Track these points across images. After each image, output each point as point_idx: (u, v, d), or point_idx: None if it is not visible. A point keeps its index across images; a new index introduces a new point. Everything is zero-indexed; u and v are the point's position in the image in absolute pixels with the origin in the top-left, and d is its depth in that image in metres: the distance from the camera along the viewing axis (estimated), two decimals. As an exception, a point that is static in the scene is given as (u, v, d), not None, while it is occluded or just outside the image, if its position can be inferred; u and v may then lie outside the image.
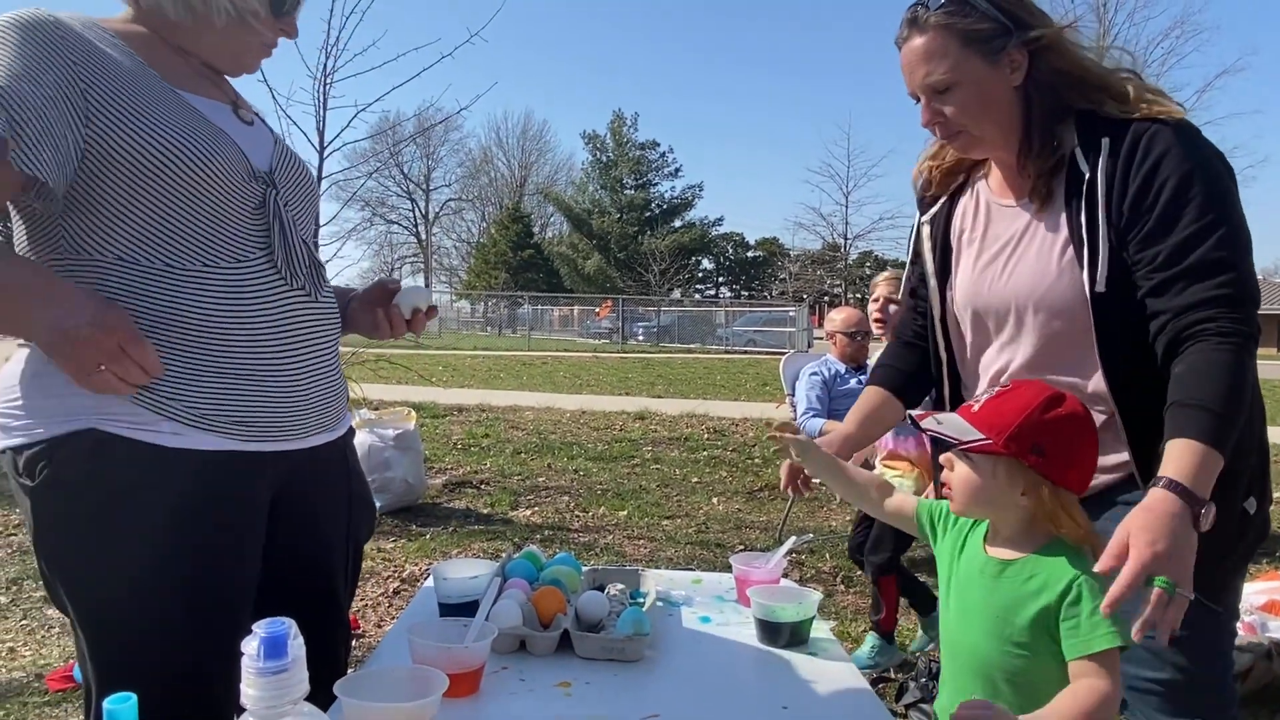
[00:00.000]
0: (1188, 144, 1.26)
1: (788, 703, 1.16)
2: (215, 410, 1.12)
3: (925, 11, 1.35)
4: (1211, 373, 1.19)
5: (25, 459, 1.07)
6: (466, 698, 1.14)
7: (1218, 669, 1.39)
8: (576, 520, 5.00)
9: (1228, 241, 1.22)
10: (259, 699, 0.58)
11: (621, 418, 9.33)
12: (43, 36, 1.06)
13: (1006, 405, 1.24)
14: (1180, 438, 1.17)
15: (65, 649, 2.96)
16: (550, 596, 1.39)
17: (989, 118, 1.37)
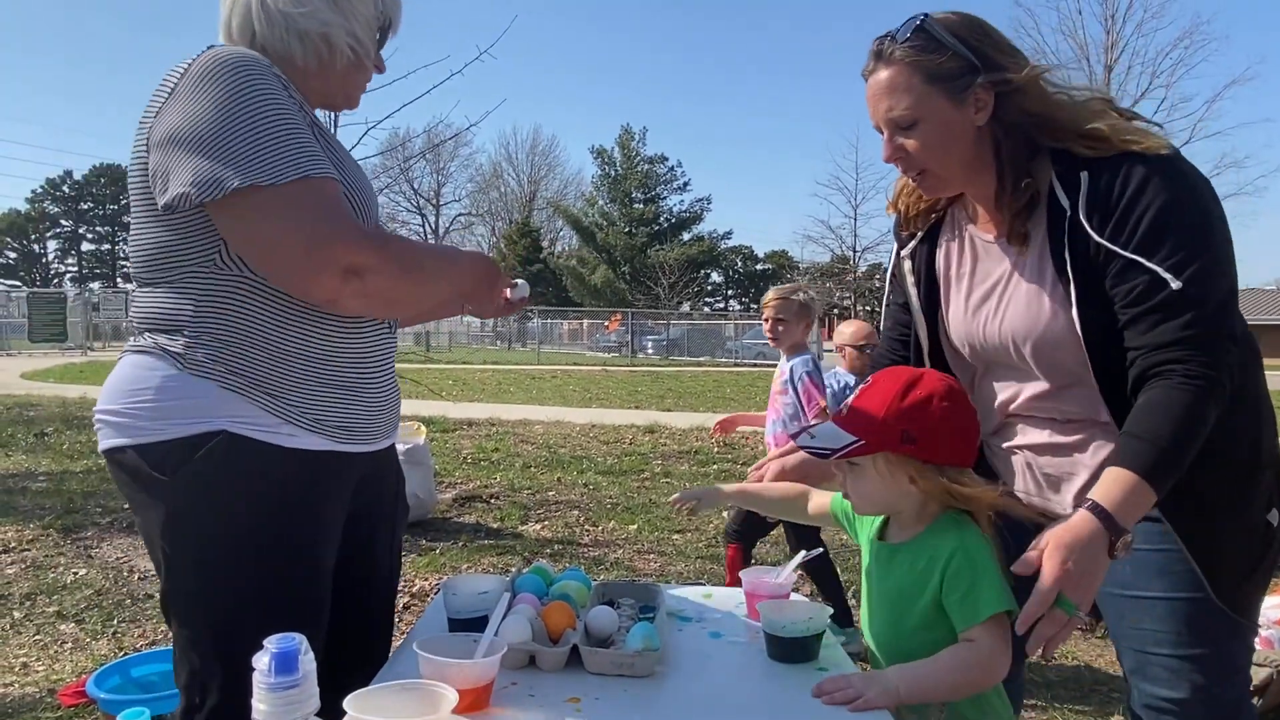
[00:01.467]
0: (1167, 178, 1.23)
1: (799, 717, 1.16)
2: (324, 415, 1.27)
3: (891, 45, 1.33)
4: (1166, 410, 1.19)
5: (158, 456, 1.19)
6: (476, 713, 1.14)
7: (1235, 687, 1.38)
8: (586, 535, 4.99)
9: (1200, 278, 1.20)
10: (269, 714, 0.58)
11: (631, 431, 9.33)
12: (278, 83, 1.21)
13: (869, 402, 1.28)
14: (1119, 466, 1.19)
15: (77, 664, 2.98)
16: (559, 612, 1.38)
17: (951, 156, 1.35)
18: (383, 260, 1.19)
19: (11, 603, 3.59)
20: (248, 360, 1.21)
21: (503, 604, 1.31)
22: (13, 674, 2.91)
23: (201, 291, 1.21)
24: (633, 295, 43.48)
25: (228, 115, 1.13)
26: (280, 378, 1.23)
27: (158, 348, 1.22)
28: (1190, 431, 1.19)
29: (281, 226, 1.14)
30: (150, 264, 1.24)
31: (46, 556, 4.23)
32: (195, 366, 1.20)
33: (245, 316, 1.22)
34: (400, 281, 1.25)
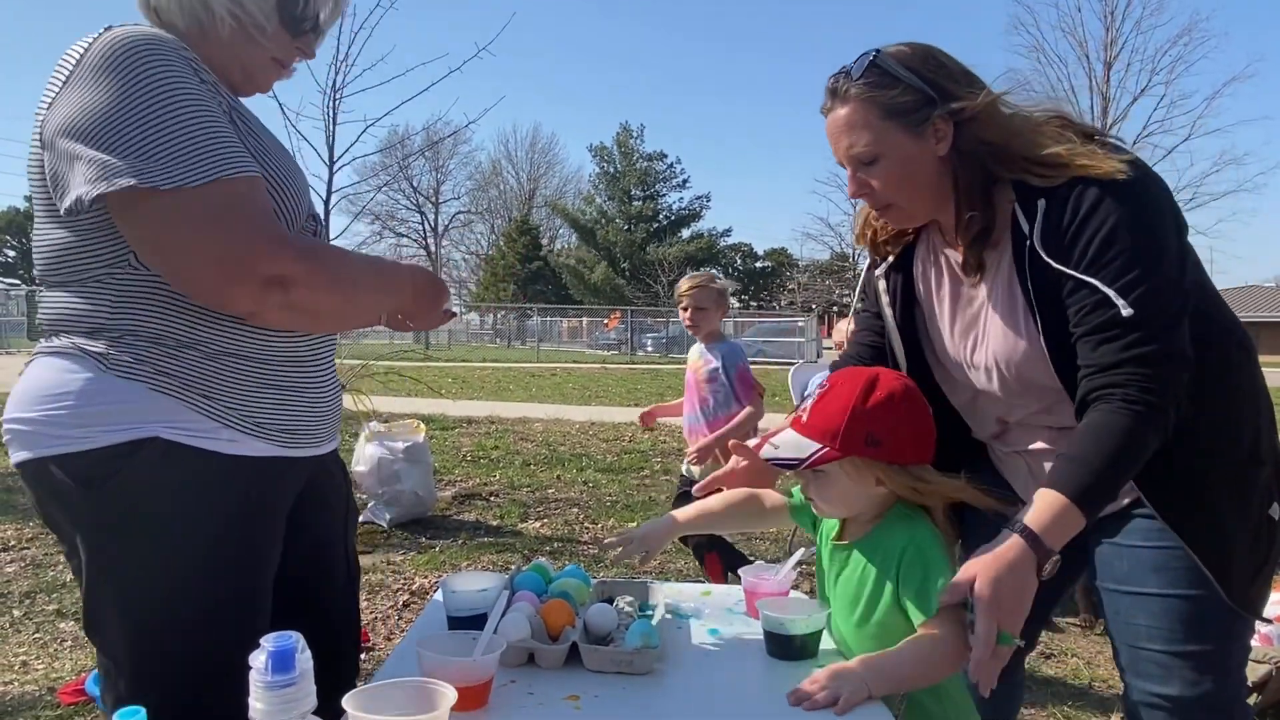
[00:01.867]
0: (1118, 199, 1.22)
1: (798, 715, 1.16)
2: (267, 419, 1.20)
3: (846, 82, 1.32)
4: (1102, 435, 1.19)
5: (82, 466, 1.09)
6: (475, 711, 1.14)
7: (1230, 685, 1.38)
8: (586, 532, 5.00)
9: (1148, 299, 1.20)
10: (267, 713, 0.58)
11: (631, 429, 9.32)
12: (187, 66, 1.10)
13: (830, 407, 1.28)
14: (1050, 488, 1.19)
15: (77, 663, 2.98)
16: (558, 609, 1.38)
17: (915, 189, 1.34)
18: (308, 271, 1.10)
19: (11, 601, 3.59)
20: (178, 361, 1.12)
21: (501, 602, 1.31)
22: (12, 672, 2.91)
23: (117, 292, 1.12)
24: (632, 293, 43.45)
25: (127, 106, 1.03)
26: (215, 379, 1.14)
27: (76, 349, 1.12)
28: (1125, 457, 1.19)
29: (191, 234, 1.04)
30: (57, 265, 1.15)
31: (46, 555, 4.22)
32: (120, 368, 1.10)
33: (169, 316, 1.13)
34: (328, 294, 1.15)
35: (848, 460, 1.25)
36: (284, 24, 1.23)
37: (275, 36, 1.24)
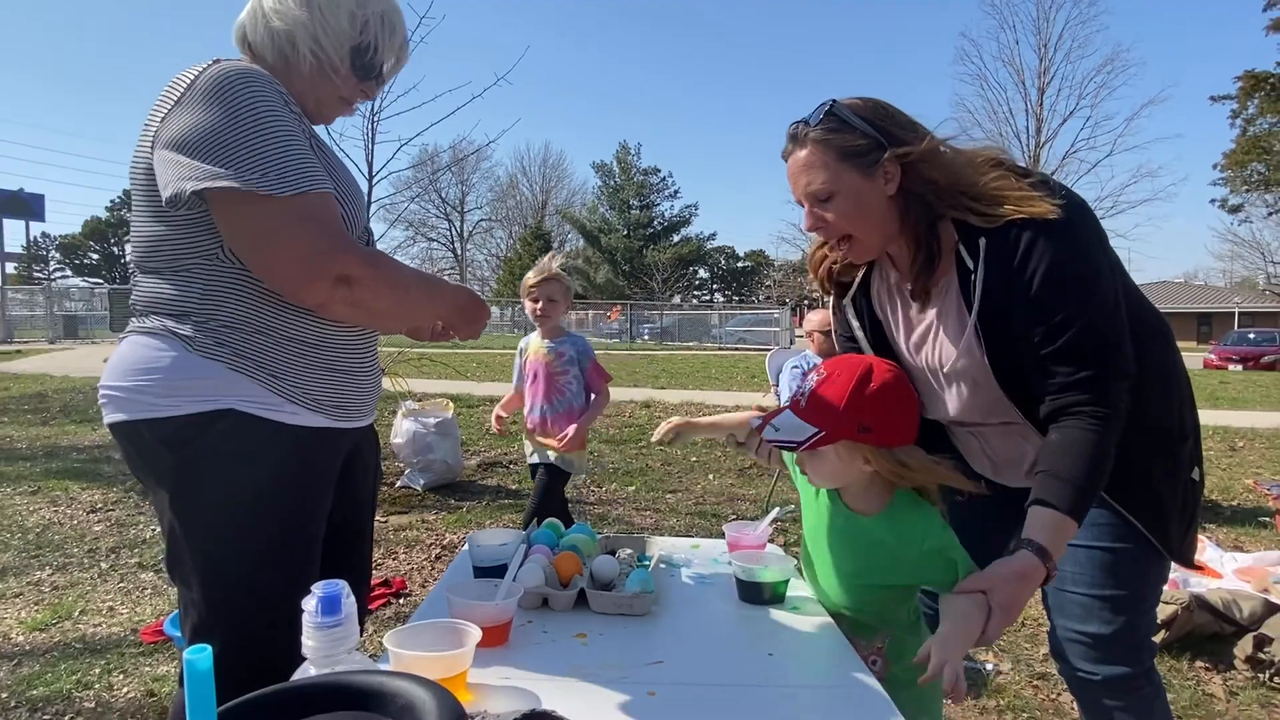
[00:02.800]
0: (1053, 240, 1.20)
1: (773, 650, 1.16)
2: (323, 396, 1.22)
3: (805, 128, 1.30)
4: (1078, 451, 1.18)
5: (169, 431, 1.12)
6: (497, 647, 1.15)
7: (1144, 624, 1.39)
8: (592, 495, 5.01)
9: (1090, 328, 1.20)
10: (318, 649, 0.58)
11: (630, 406, 9.33)
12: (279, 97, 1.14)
13: (828, 393, 1.26)
14: (1046, 507, 1.17)
15: (156, 608, 2.99)
16: (568, 560, 1.39)
17: (867, 223, 1.31)
18: (372, 274, 1.15)
19: (99, 555, 3.60)
20: (252, 345, 1.16)
21: (519, 554, 1.31)
22: (100, 616, 2.92)
23: (204, 282, 1.15)
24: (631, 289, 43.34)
25: (232, 126, 1.08)
26: (281, 361, 1.17)
27: (166, 330, 1.15)
28: (1100, 466, 1.19)
29: (282, 236, 1.09)
30: (152, 254, 1.18)
31: (128, 515, 4.23)
32: (204, 349, 1.14)
33: (247, 306, 1.16)
34: (385, 296, 1.19)
35: (839, 444, 1.24)
36: (354, 69, 1.27)
37: (346, 79, 1.27)
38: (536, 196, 53.70)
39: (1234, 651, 2.65)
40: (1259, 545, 3.94)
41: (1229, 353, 22.51)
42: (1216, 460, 6.43)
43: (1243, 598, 2.90)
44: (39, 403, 8.37)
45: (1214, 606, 2.85)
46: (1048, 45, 30.97)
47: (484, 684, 1.02)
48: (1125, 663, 1.36)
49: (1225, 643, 2.74)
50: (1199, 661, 2.66)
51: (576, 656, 1.13)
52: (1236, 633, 2.75)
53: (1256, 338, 24.17)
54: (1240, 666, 2.60)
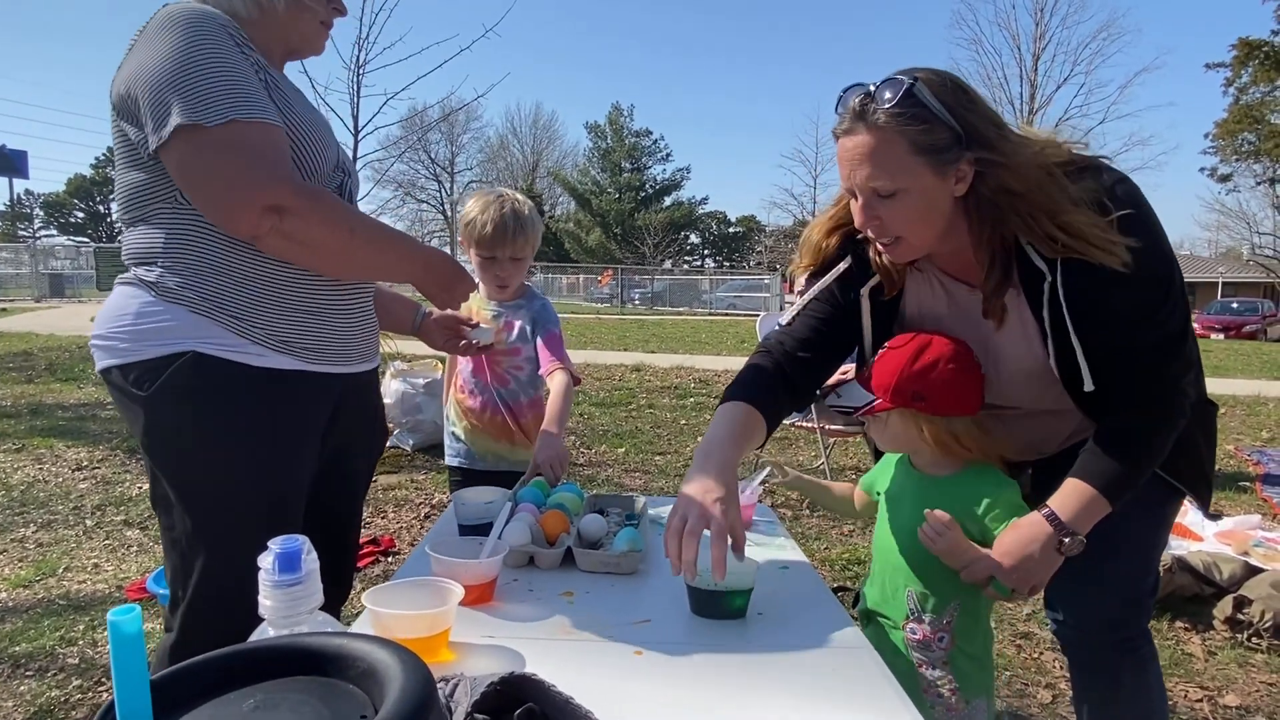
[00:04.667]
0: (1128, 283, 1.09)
1: (762, 609, 1.14)
2: (290, 335, 1.19)
3: (874, 107, 1.08)
4: (1131, 438, 1.15)
5: (135, 374, 1.14)
6: (483, 605, 1.12)
7: (1148, 583, 1.38)
8: (582, 457, 4.99)
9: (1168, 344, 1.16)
10: (275, 609, 0.53)
11: (620, 370, 9.29)
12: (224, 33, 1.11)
13: (886, 367, 1.25)
14: (1081, 480, 1.15)
15: (142, 565, 2.96)
16: (555, 518, 1.35)
17: (928, 227, 1.14)
18: (301, 204, 1.10)
19: (84, 513, 3.56)
20: (214, 286, 1.14)
21: (505, 511, 1.27)
22: (85, 573, 2.89)
23: (169, 227, 1.15)
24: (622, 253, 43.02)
25: (169, 62, 1.06)
26: (245, 301, 1.15)
27: (137, 279, 1.16)
28: (1153, 459, 1.15)
29: (207, 164, 1.07)
30: (129, 204, 1.18)
31: (114, 473, 4.18)
32: (168, 293, 1.14)
33: (209, 246, 1.14)
34: (320, 230, 1.13)
35: (895, 411, 1.25)
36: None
37: (281, 10, 1.24)
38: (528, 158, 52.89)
39: (1214, 613, 2.68)
40: (1239, 509, 3.97)
41: (1212, 321, 22.67)
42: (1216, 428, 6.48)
43: (1223, 560, 2.92)
44: (24, 361, 8.24)
45: (1195, 569, 2.87)
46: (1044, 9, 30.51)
47: (467, 643, 0.99)
48: (1127, 623, 1.35)
49: (1205, 604, 2.76)
50: (1179, 622, 2.69)
51: (563, 615, 1.10)
52: (1216, 594, 2.77)
53: (1239, 307, 24.35)
54: (1219, 627, 2.62)
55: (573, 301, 36.36)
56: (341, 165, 1.30)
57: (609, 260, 41.39)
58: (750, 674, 0.96)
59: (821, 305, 1.35)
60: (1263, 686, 2.31)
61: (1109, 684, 1.38)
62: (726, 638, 1.06)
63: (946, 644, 1.27)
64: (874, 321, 1.32)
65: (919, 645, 1.28)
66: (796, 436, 5.46)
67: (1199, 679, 2.34)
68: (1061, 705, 2.15)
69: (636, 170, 47.19)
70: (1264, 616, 2.53)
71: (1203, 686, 2.29)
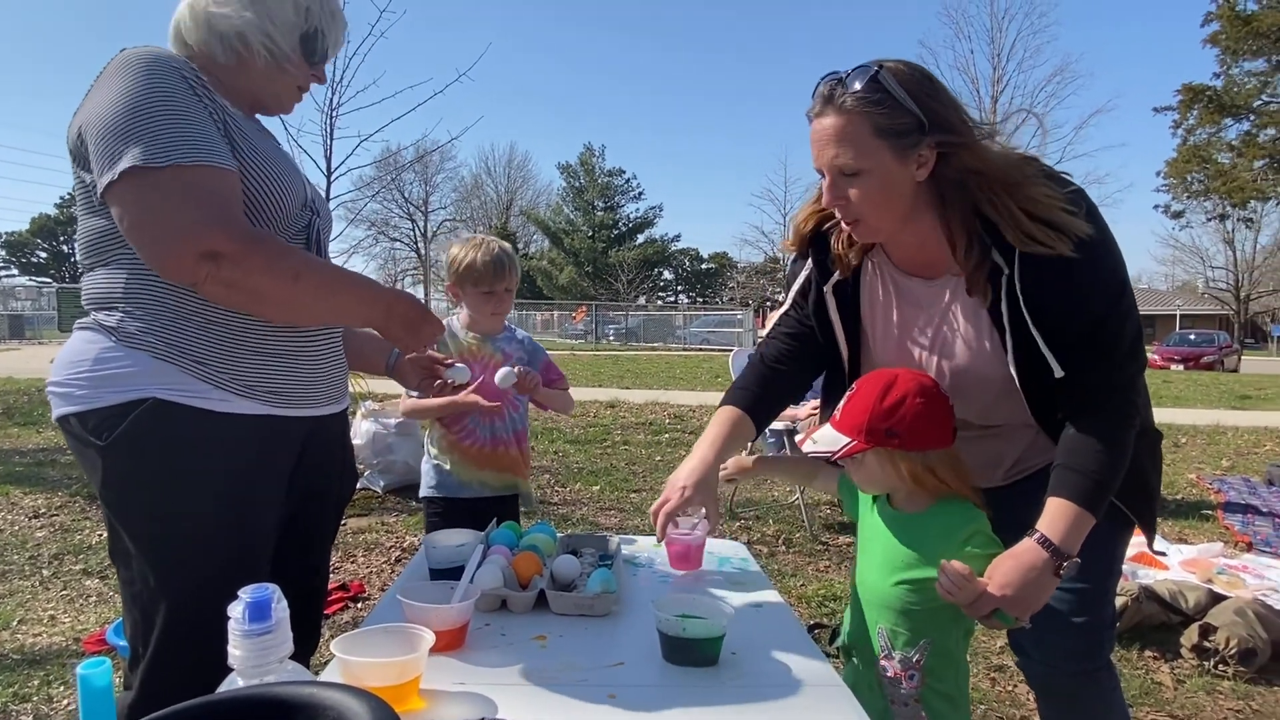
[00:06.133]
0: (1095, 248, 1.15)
1: (736, 649, 1.14)
2: (254, 380, 1.17)
3: (842, 92, 1.15)
4: (1099, 446, 1.18)
5: (94, 422, 1.11)
6: (453, 651, 1.10)
7: (1107, 616, 1.40)
8: (556, 495, 4.95)
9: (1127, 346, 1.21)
10: (245, 659, 0.53)
11: (595, 406, 9.28)
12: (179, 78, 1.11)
13: (855, 406, 1.27)
14: (1060, 498, 1.17)
15: (101, 616, 2.86)
16: (528, 560, 1.35)
17: (889, 209, 1.20)
18: (238, 250, 1.06)
19: (41, 562, 3.44)
20: (176, 331, 1.13)
21: (476, 555, 1.27)
22: (41, 625, 2.78)
23: (129, 271, 1.13)
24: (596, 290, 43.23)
25: (118, 106, 1.06)
26: (207, 346, 1.13)
27: (96, 324, 1.14)
28: (1119, 463, 1.19)
29: (147, 208, 1.04)
30: (89, 248, 1.17)
31: (73, 520, 4.06)
32: (129, 339, 1.12)
33: (169, 291, 1.13)
34: (260, 277, 1.08)
35: (871, 451, 1.25)
36: (304, 55, 1.29)
37: (299, 66, 1.29)
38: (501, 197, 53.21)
39: (1180, 640, 2.71)
40: (1202, 538, 4.05)
41: (1171, 353, 23.29)
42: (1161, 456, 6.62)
43: (1188, 588, 2.98)
44: (-20, 405, 8.00)
45: (1161, 597, 2.92)
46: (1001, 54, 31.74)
47: (438, 690, 0.98)
48: (1090, 655, 1.37)
49: (1172, 632, 2.80)
50: (1148, 651, 2.72)
51: (535, 659, 1.10)
52: (1183, 622, 2.82)
53: (1196, 339, 25.07)
54: (1186, 655, 2.66)
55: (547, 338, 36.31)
56: (310, 204, 1.30)
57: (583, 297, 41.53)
58: (724, 714, 0.96)
59: (791, 316, 1.49)
60: (1230, 714, 2.34)
61: (1075, 715, 1.40)
62: (700, 678, 1.06)
63: (917, 682, 1.27)
64: (842, 316, 1.40)
65: (890, 682, 1.29)
66: (771, 472, 5.48)
67: (1169, 708, 2.36)
68: (1036, 738, 2.16)
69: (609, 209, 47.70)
70: (1229, 643, 2.57)
71: (1172, 715, 2.32)
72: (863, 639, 1.34)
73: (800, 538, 3.98)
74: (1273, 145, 23.80)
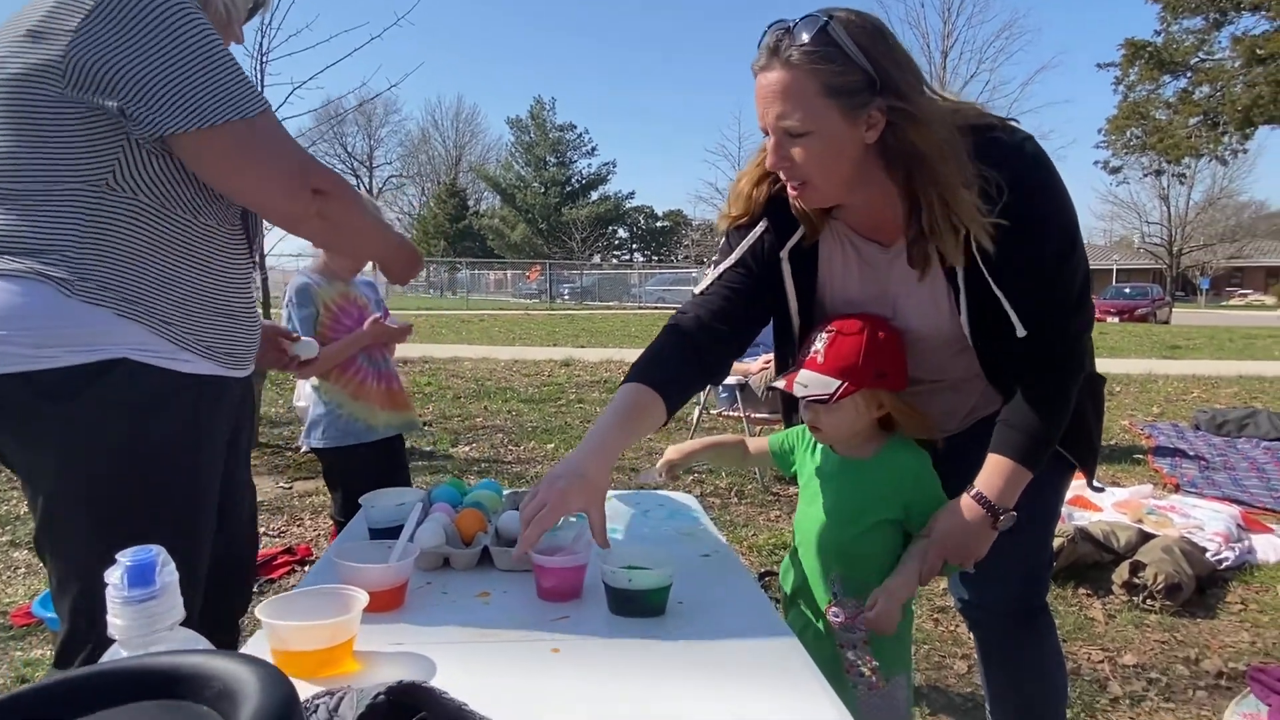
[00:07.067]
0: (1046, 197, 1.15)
1: (683, 599, 1.13)
2: (212, 339, 1.15)
3: (789, 44, 1.07)
4: (1040, 401, 1.20)
5: (48, 384, 1.01)
6: (391, 611, 1.07)
7: (1044, 558, 1.43)
8: (510, 454, 4.91)
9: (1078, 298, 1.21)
10: (127, 629, 0.48)
11: (550, 365, 9.21)
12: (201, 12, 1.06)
13: (845, 348, 1.24)
14: (998, 454, 1.20)
15: (30, 588, 2.74)
16: (471, 517, 1.31)
17: (835, 171, 1.14)
18: (338, 186, 1.16)
19: (-37, 535, 3.27)
20: (143, 288, 1.06)
21: (416, 512, 1.23)
22: (-36, 600, 2.65)
23: (85, 215, 1.03)
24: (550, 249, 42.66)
25: (191, 51, 1.00)
26: (174, 305, 1.09)
27: (32, 272, 1.01)
28: (1062, 417, 1.20)
29: (267, 153, 1.07)
30: (12, 178, 1.02)
31: (0, 491, 3.87)
32: (85, 294, 1.02)
33: (135, 243, 1.06)
34: (349, 213, 1.19)
35: (860, 393, 1.24)
36: (248, 15, 1.28)
37: (239, 24, 1.26)
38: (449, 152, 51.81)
39: (1112, 578, 2.84)
40: (1134, 480, 4.24)
41: (1108, 306, 24.17)
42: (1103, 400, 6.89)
43: (1120, 528, 3.11)
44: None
45: (1095, 537, 3.04)
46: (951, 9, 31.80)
47: (374, 652, 0.94)
48: (1026, 597, 1.40)
49: (1105, 570, 2.93)
50: (1081, 589, 2.84)
51: (478, 617, 1.07)
52: (1115, 561, 2.95)
53: (1132, 292, 26.09)
54: (1118, 591, 2.79)
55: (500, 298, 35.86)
56: None
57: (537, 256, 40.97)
58: (671, 664, 0.94)
59: (736, 274, 1.31)
60: (1157, 645, 2.46)
61: (1010, 655, 1.45)
62: (647, 629, 1.04)
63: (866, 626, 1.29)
64: (796, 285, 1.31)
65: (841, 628, 1.30)
66: (724, 427, 5.52)
67: (1100, 641, 2.48)
68: (976, 674, 2.24)
69: (561, 165, 46.82)
70: (1157, 579, 2.70)
71: (1104, 648, 2.43)
72: (810, 589, 1.35)
73: (752, 489, 4.03)
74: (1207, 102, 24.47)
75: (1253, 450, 5.02)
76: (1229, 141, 25.36)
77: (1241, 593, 2.85)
